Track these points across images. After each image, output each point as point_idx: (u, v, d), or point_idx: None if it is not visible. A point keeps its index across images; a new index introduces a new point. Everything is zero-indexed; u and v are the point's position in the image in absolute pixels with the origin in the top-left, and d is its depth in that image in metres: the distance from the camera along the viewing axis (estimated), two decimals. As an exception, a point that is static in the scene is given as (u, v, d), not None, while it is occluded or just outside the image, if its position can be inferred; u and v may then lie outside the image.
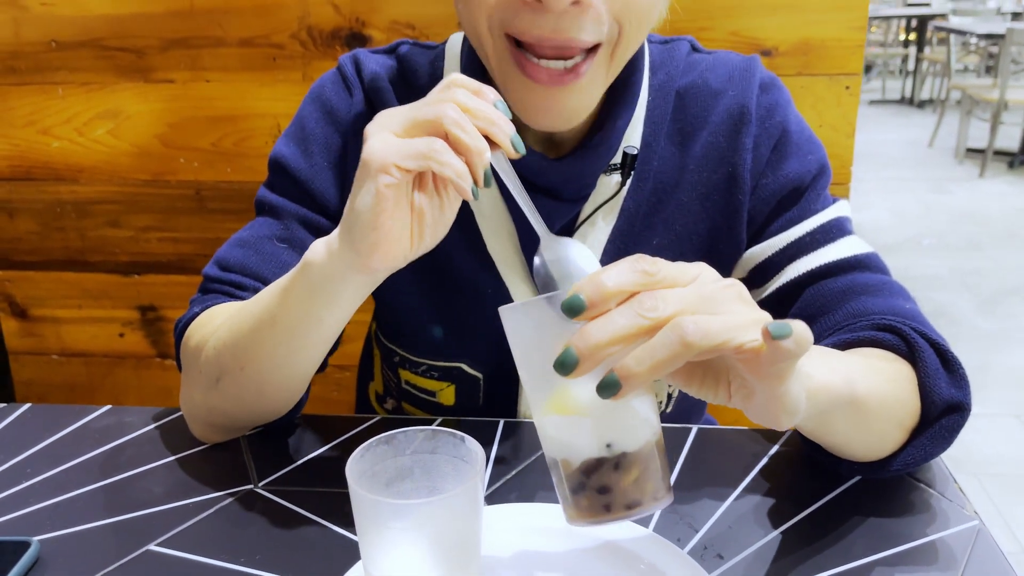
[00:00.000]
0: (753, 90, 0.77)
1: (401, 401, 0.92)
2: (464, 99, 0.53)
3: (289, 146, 0.81)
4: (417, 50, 0.82)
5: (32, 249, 1.41)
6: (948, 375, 0.65)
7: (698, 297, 0.45)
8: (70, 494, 0.71)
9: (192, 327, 0.74)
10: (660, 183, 0.78)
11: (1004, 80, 4.92)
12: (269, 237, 0.79)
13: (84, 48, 1.30)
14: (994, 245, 4.00)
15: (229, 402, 0.71)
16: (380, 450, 0.53)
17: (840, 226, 0.78)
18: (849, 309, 0.73)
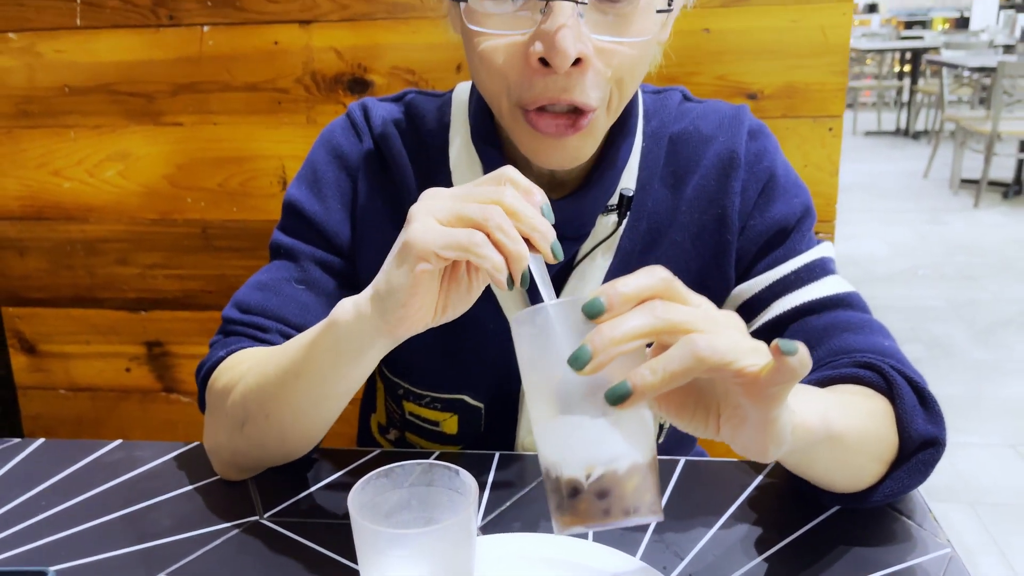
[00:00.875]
0: (742, 137, 0.82)
1: (405, 431, 0.96)
2: (512, 201, 0.54)
3: (302, 190, 0.85)
4: (423, 98, 0.87)
5: (42, 286, 1.45)
6: (924, 412, 0.69)
7: (704, 317, 0.49)
8: (83, 526, 0.74)
9: (219, 370, 0.77)
10: (654, 223, 0.83)
11: (997, 112, 5.00)
12: (287, 279, 0.83)
13: (96, 93, 1.35)
14: (989, 276, 4.04)
15: (253, 445, 0.74)
16: (380, 483, 0.56)
17: (824, 266, 0.82)
18: (832, 346, 0.76)
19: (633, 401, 0.47)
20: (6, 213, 1.42)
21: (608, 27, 0.66)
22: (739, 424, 0.51)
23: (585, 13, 0.65)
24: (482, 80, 0.71)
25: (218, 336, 0.83)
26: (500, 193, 0.54)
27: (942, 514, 2.21)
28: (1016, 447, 2.53)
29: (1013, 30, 7.44)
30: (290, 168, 1.34)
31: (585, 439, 0.50)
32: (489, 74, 0.69)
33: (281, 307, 0.81)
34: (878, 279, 4.04)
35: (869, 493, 0.68)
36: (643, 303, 0.49)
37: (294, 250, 0.84)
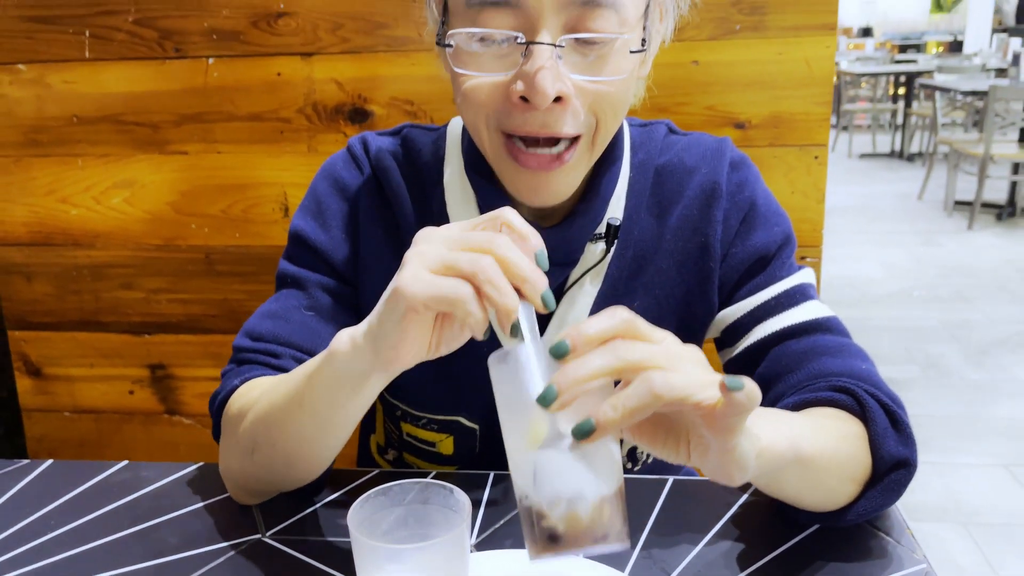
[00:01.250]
0: (724, 168, 0.86)
1: (402, 451, 0.98)
2: (504, 252, 0.54)
3: (307, 220, 0.89)
4: (419, 132, 0.91)
5: (48, 311, 1.48)
6: (896, 433, 0.72)
7: (665, 354, 0.52)
8: (92, 544, 0.77)
9: (233, 397, 0.79)
10: (640, 251, 0.86)
11: (989, 135, 5.05)
12: (296, 307, 0.85)
13: (103, 123, 1.39)
14: (983, 297, 4.08)
15: (262, 472, 0.76)
16: (378, 500, 0.59)
17: (803, 292, 0.85)
18: (811, 369, 0.79)
19: (597, 436, 0.51)
20: (14, 239, 1.46)
21: (586, 67, 0.70)
22: (704, 451, 0.55)
23: (563, 55, 0.69)
24: (466, 115, 0.75)
25: (231, 366, 0.84)
26: (493, 241, 0.54)
27: (935, 534, 2.22)
28: (1010, 468, 2.55)
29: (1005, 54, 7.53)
30: (291, 195, 1.38)
31: (555, 472, 0.53)
32: (473, 109, 0.73)
33: (292, 334, 0.84)
34: (873, 300, 4.08)
35: (843, 512, 0.71)
36: (606, 343, 0.52)
37: (301, 278, 0.87)
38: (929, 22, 12.69)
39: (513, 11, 0.68)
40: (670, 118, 1.27)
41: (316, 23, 1.30)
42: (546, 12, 0.67)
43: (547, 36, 0.68)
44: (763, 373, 0.83)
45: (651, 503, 0.79)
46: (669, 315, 0.88)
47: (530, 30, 0.68)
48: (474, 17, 0.69)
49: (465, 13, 0.70)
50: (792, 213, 1.29)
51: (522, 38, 0.68)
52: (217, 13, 1.31)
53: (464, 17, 0.71)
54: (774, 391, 0.81)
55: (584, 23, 0.68)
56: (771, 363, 0.82)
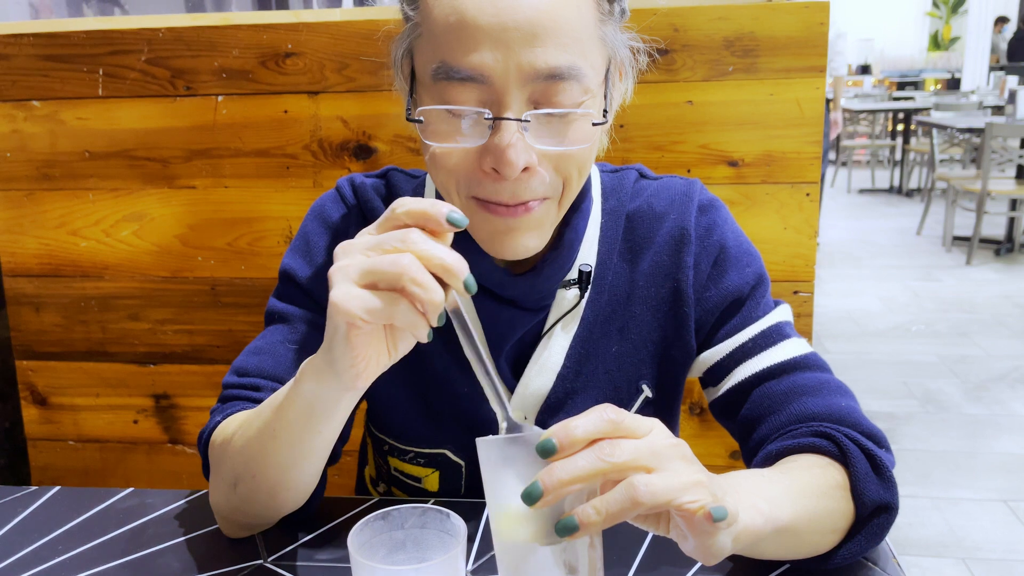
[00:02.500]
0: (692, 213, 0.88)
1: (391, 486, 1.01)
2: (420, 245, 0.55)
3: (296, 259, 0.92)
4: (403, 177, 0.94)
5: (56, 341, 1.51)
6: (877, 478, 0.73)
7: (650, 451, 0.54)
8: (98, 568, 0.79)
9: (215, 433, 0.81)
10: (614, 296, 0.88)
11: (986, 171, 5.10)
12: (281, 341, 0.88)
13: (114, 158, 1.43)
14: (982, 332, 4.10)
15: (246, 504, 0.78)
16: (377, 525, 0.62)
17: (780, 330, 0.87)
18: (792, 410, 0.81)
19: (580, 535, 0.53)
20: (24, 271, 1.49)
21: (550, 136, 0.72)
22: (682, 536, 0.58)
23: (529, 128, 0.70)
24: (437, 178, 0.77)
25: (218, 405, 0.87)
26: (407, 238, 0.56)
27: (934, 569, 2.22)
28: (1009, 502, 2.55)
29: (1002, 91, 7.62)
30: (296, 229, 1.41)
31: (537, 563, 0.55)
32: (443, 174, 0.75)
33: (276, 367, 0.86)
34: (872, 335, 4.10)
35: (826, 558, 0.73)
36: (593, 443, 0.53)
37: (287, 314, 0.89)
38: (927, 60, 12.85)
39: (479, 86, 0.69)
40: (665, 156, 1.32)
41: (323, 63, 1.34)
42: (511, 88, 0.69)
43: (513, 111, 0.69)
44: (747, 415, 0.85)
45: (642, 535, 0.81)
46: (647, 358, 0.90)
47: (496, 104, 0.70)
48: (441, 92, 0.71)
49: (432, 87, 0.72)
50: (785, 249, 1.33)
51: (489, 114, 0.70)
52: (227, 53, 1.36)
53: (432, 91, 0.72)
54: (758, 432, 0.83)
55: (548, 97, 0.70)
56: (753, 405, 0.84)
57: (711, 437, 1.40)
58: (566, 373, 0.88)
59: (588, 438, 0.53)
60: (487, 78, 0.69)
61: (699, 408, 1.40)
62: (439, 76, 0.70)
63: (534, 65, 0.68)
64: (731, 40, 1.27)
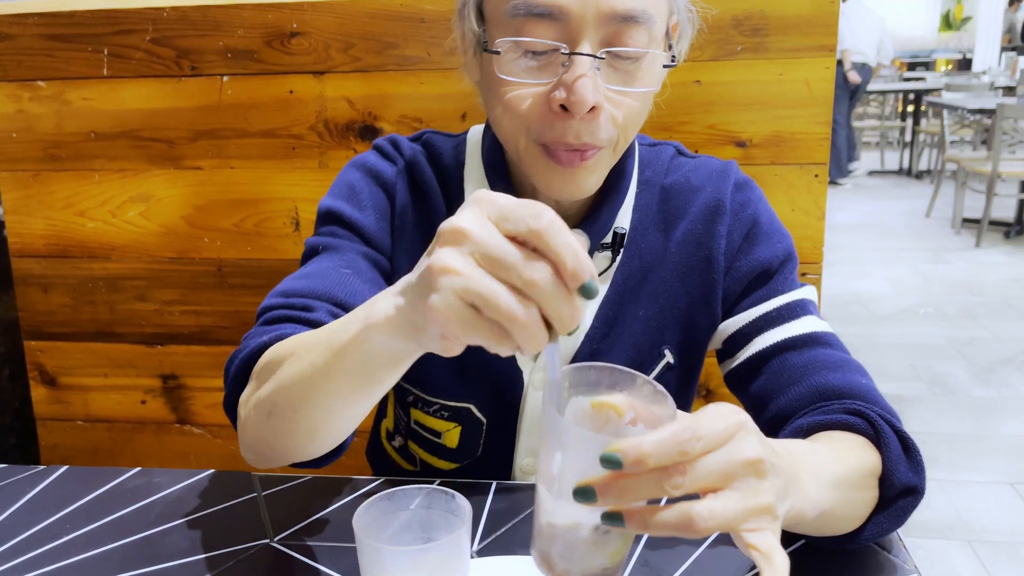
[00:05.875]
0: (728, 188, 0.91)
1: (408, 440, 1.00)
2: (549, 296, 0.47)
3: (338, 201, 0.90)
4: (440, 137, 0.96)
5: (64, 321, 1.51)
6: (908, 460, 0.73)
7: (721, 472, 0.50)
8: (106, 547, 0.79)
9: (266, 355, 0.73)
10: (646, 262, 0.90)
11: (997, 153, 5.06)
12: (332, 267, 0.84)
13: (120, 138, 1.42)
14: (990, 315, 4.08)
15: (277, 438, 0.72)
16: (383, 505, 0.62)
17: (803, 306, 0.88)
18: (812, 382, 0.81)
19: (623, 532, 0.52)
20: (32, 251, 1.49)
21: (619, 79, 0.76)
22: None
23: (600, 66, 0.74)
24: (503, 123, 0.79)
25: (258, 327, 0.80)
26: (536, 279, 0.47)
27: (940, 551, 2.22)
28: (1016, 485, 2.55)
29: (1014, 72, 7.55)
30: (303, 210, 1.41)
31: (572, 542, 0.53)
32: (511, 118, 0.77)
33: (330, 288, 0.81)
34: (880, 317, 4.08)
35: (848, 539, 0.72)
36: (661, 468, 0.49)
37: (336, 245, 0.87)
38: (938, 40, 12.71)
39: (555, 23, 0.72)
40: (673, 137, 1.31)
41: (328, 43, 1.33)
42: (587, 27, 0.72)
43: (587, 48, 0.72)
44: (763, 384, 0.85)
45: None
46: (672, 323, 0.91)
47: (571, 42, 0.73)
48: (518, 27, 0.74)
49: (508, 24, 0.74)
50: (793, 231, 1.31)
51: (565, 48, 0.73)
52: (232, 33, 1.35)
53: (507, 27, 0.75)
54: (775, 404, 0.83)
55: (620, 38, 0.73)
56: (771, 375, 0.85)
57: (717, 419, 1.40)
58: (594, 334, 0.90)
59: (659, 464, 0.49)
60: (565, 15, 0.72)
61: (705, 390, 1.40)
62: (518, 11, 0.73)
63: (612, 5, 0.72)
64: (740, 19, 1.25)
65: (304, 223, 1.41)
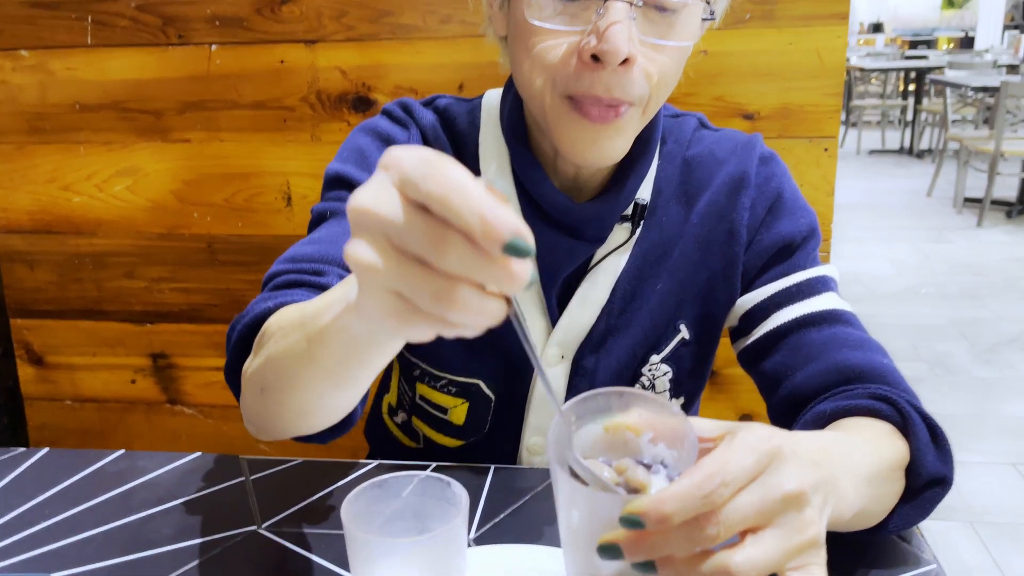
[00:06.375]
0: (753, 161, 0.87)
1: (412, 415, 0.97)
2: (459, 263, 0.39)
3: (347, 166, 0.86)
4: (453, 101, 0.91)
5: (50, 299, 1.47)
6: (936, 449, 0.70)
7: (758, 512, 0.46)
8: (86, 534, 0.76)
9: (269, 322, 0.67)
10: (666, 235, 0.87)
11: (1000, 132, 5.01)
12: (344, 232, 0.79)
13: (106, 110, 1.38)
14: (992, 295, 4.05)
15: (271, 415, 0.68)
16: (374, 494, 0.58)
17: (825, 283, 0.85)
18: (832, 359, 0.78)
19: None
20: (17, 227, 1.45)
21: (655, 31, 0.71)
22: None
23: (636, 16, 0.70)
24: (530, 76, 0.75)
25: (265, 293, 0.75)
26: (455, 261, 0.39)
27: (942, 532, 2.20)
28: (1017, 466, 2.53)
29: (1017, 50, 7.47)
30: (295, 184, 1.37)
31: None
32: (539, 69, 0.73)
33: (342, 254, 0.77)
34: (881, 297, 4.05)
35: (872, 531, 0.69)
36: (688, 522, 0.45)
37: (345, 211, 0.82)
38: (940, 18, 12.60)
39: None
40: (677, 109, 1.26)
41: (320, 10, 1.29)
42: None
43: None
44: (780, 361, 0.82)
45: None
46: (690, 298, 0.88)
47: None
48: None
49: None
50: (800, 206, 1.27)
51: None
52: None
53: None
54: (791, 381, 0.79)
55: None
56: (789, 351, 0.82)
57: (721, 400, 1.37)
58: (611, 309, 0.87)
59: (684, 519, 0.44)
60: None
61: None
62: None
63: None
64: (749, -14, 1.20)
65: (296, 198, 1.37)
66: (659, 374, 0.89)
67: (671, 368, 0.89)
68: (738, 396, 1.36)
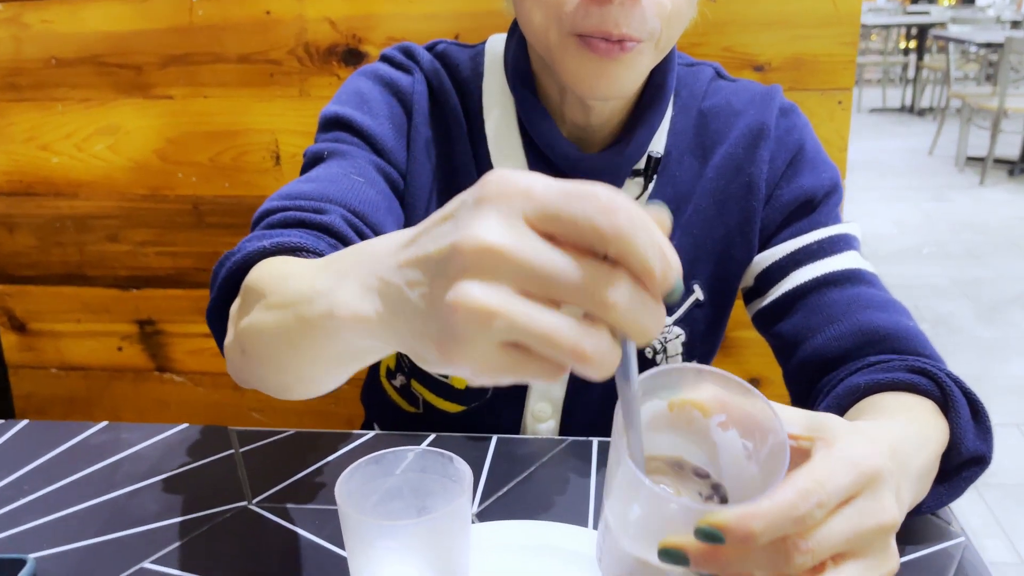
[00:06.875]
0: (773, 112, 0.83)
1: (411, 378, 0.92)
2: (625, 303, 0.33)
3: (346, 108, 0.80)
4: (456, 47, 0.86)
5: (31, 263, 1.42)
6: (976, 426, 0.65)
7: (848, 542, 0.41)
8: (66, 511, 0.72)
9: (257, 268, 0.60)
10: (681, 190, 0.83)
11: (1003, 88, 4.93)
12: (343, 173, 0.73)
13: (83, 65, 1.31)
14: (994, 254, 4.01)
15: (253, 378, 0.61)
16: (369, 470, 0.54)
17: (847, 241, 0.80)
18: (855, 321, 0.74)
19: None
20: (-6, 189, 1.39)
21: None
22: None
23: None
24: (533, 15, 0.70)
25: (256, 232, 0.67)
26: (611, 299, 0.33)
27: (945, 494, 2.19)
28: (1021, 426, 2.51)
29: (1020, 6, 7.35)
30: (283, 143, 1.30)
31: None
32: (544, 6, 0.68)
33: (344, 193, 0.70)
34: (882, 257, 4.01)
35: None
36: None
37: (344, 151, 0.76)
38: (942, -27, 12.38)
39: None
40: (685, 59, 1.20)
41: (307, -44, 1.21)
42: None
43: None
44: (799, 322, 0.77)
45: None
46: (705, 256, 0.84)
47: None
48: None
49: None
50: (812, 162, 1.22)
51: None
52: (201, -55, 1.23)
53: None
54: (811, 343, 0.75)
55: None
56: (809, 312, 0.77)
57: (729, 364, 1.33)
58: None
59: (769, 540, 0.39)
60: None
61: (715, 333, 1.32)
62: None
63: None
64: (761, -74, 1.14)
65: (285, 157, 1.31)
66: (671, 337, 0.84)
67: (684, 331, 0.84)
68: (746, 360, 1.32)
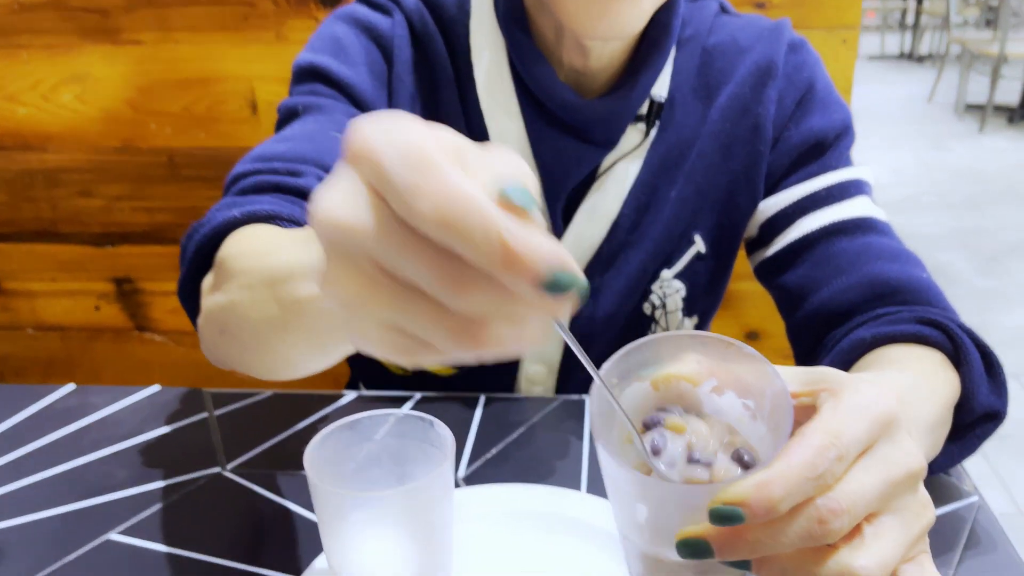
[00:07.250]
0: (782, 48, 0.78)
1: None
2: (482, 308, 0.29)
3: (320, 55, 0.74)
4: None
5: (2, 221, 1.36)
6: (990, 380, 0.62)
7: (878, 496, 0.36)
8: (29, 480, 0.68)
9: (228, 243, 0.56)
10: (683, 136, 0.77)
11: (1004, 33, 4.84)
12: (319, 130, 0.69)
13: (47, 9, 1.24)
14: (993, 202, 3.96)
15: (232, 360, 0.58)
16: (343, 436, 0.50)
17: (859, 186, 0.76)
18: (865, 272, 0.70)
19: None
20: (-41, 142, 1.33)
21: None
22: None
23: None
24: None
25: (227, 198, 0.63)
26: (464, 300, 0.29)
27: (943, 445, 2.17)
28: (1019, 377, 2.49)
29: (1023, -53, 7.18)
30: (260, 90, 1.24)
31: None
32: None
33: (321, 152, 0.66)
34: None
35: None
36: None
37: (320, 105, 0.72)
38: (943, -85, 12.11)
39: None
40: (682, -4, 1.13)
41: None
42: None
43: None
44: (805, 274, 0.73)
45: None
46: (707, 205, 0.79)
47: None
48: None
49: None
50: (815, 105, 1.16)
51: None
52: None
53: None
54: (819, 295, 0.71)
55: None
56: (817, 263, 0.73)
57: (726, 317, 1.29)
58: (623, 222, 0.77)
59: (794, 504, 0.34)
60: None
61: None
62: None
63: None
64: None
65: (263, 105, 1.25)
66: (671, 291, 0.80)
67: (684, 285, 0.80)
68: (744, 313, 1.28)
